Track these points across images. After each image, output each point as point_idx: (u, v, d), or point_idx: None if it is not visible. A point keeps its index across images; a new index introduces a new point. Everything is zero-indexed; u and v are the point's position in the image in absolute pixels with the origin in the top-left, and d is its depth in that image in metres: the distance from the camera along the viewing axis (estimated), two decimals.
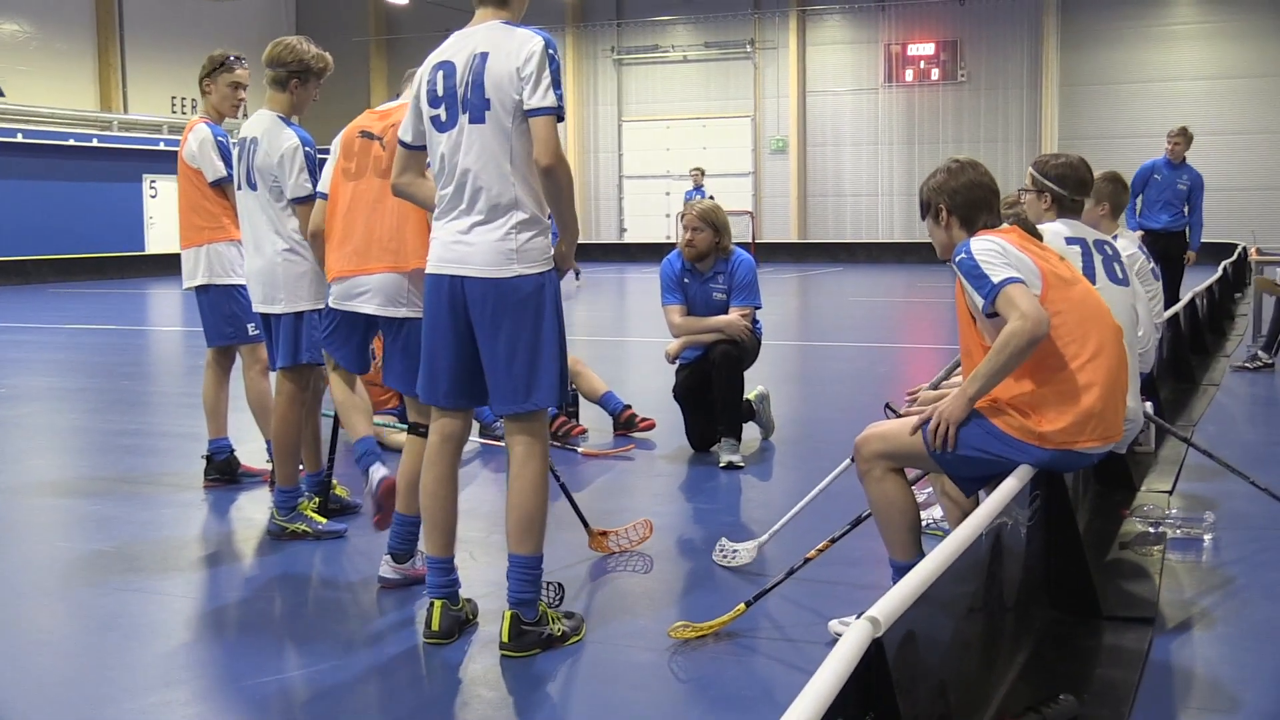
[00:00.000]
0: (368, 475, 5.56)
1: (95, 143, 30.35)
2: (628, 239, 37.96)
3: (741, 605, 4.65)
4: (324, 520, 6.16)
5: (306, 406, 6.28)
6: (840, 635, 3.38)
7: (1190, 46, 32.80)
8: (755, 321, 8.07)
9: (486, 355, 4.52)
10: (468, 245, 4.47)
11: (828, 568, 5.21)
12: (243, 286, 6.81)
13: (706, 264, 8.01)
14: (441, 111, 4.53)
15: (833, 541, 4.92)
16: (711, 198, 22.03)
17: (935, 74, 35.37)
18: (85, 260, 29.67)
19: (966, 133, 34.80)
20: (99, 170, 30.17)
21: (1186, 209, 13.47)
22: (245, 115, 6.95)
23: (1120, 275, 5.48)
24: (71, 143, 29.83)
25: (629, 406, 8.77)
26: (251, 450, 7.49)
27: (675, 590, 5.35)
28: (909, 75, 35.59)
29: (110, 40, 33.24)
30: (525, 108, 4.36)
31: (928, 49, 35.35)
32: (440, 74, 4.53)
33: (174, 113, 34.55)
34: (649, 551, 5.80)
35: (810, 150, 36.78)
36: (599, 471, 7.72)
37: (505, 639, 4.51)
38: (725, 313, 7.98)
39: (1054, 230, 5.41)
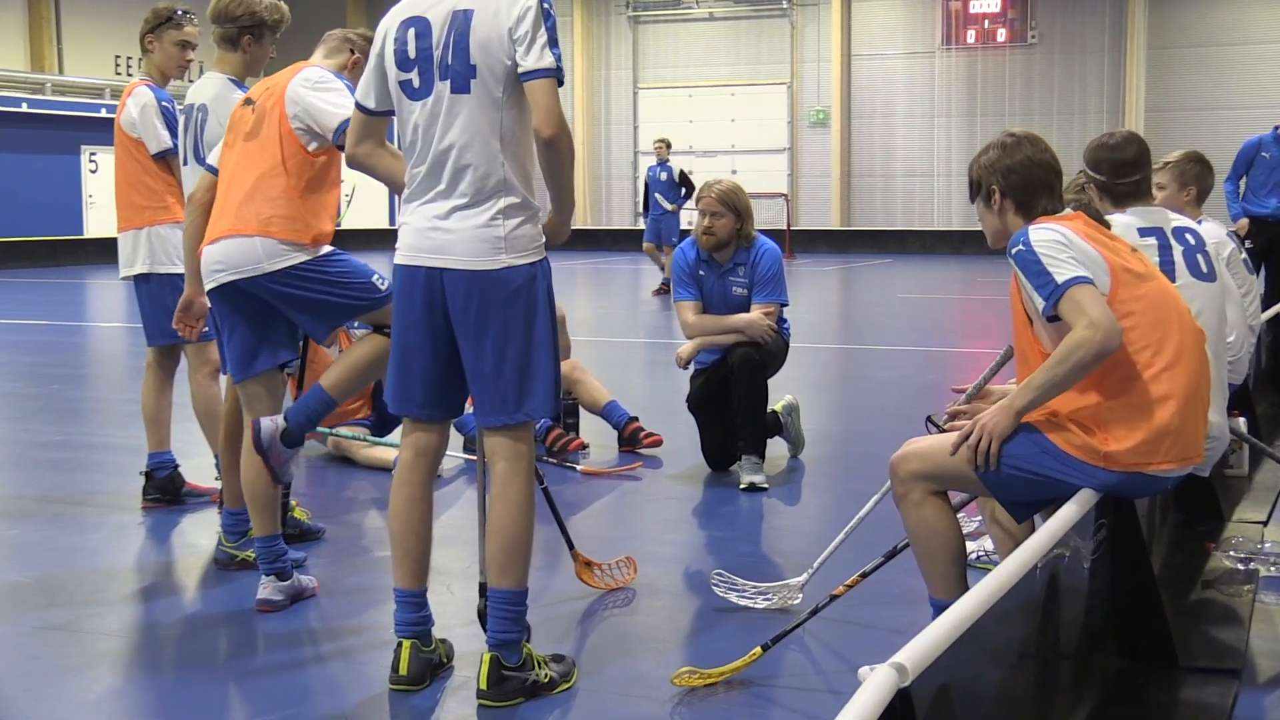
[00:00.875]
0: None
1: (25, 108, 30.37)
2: (644, 224, 37.78)
3: (758, 649, 4.65)
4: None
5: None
6: None
7: None
8: (782, 320, 8.08)
9: (470, 359, 4.53)
10: (447, 232, 4.47)
11: (859, 607, 5.21)
12: None
13: (725, 254, 8.01)
14: (414, 76, 4.51)
15: (864, 576, 4.92)
16: (687, 173, 21.67)
17: (1002, 35, 35.28)
18: (13, 245, 29.66)
19: (1037, 103, 34.72)
20: (29, 140, 30.19)
21: None
22: (191, 79, 6.96)
23: (1205, 269, 5.47)
24: None
25: (635, 419, 8.78)
26: (198, 466, 7.50)
27: (682, 631, 5.37)
28: (971, 36, 35.53)
29: None
30: (520, 71, 4.36)
31: (993, 6, 35.21)
32: (411, 31, 4.51)
33: (117, 75, 34.62)
34: (652, 586, 5.80)
35: (855, 123, 36.70)
36: (599, 493, 7.73)
37: (484, 685, 4.50)
38: (746, 310, 7.97)
39: (1124, 222, 5.41)
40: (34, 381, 12.65)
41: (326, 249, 5.49)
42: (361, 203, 33.25)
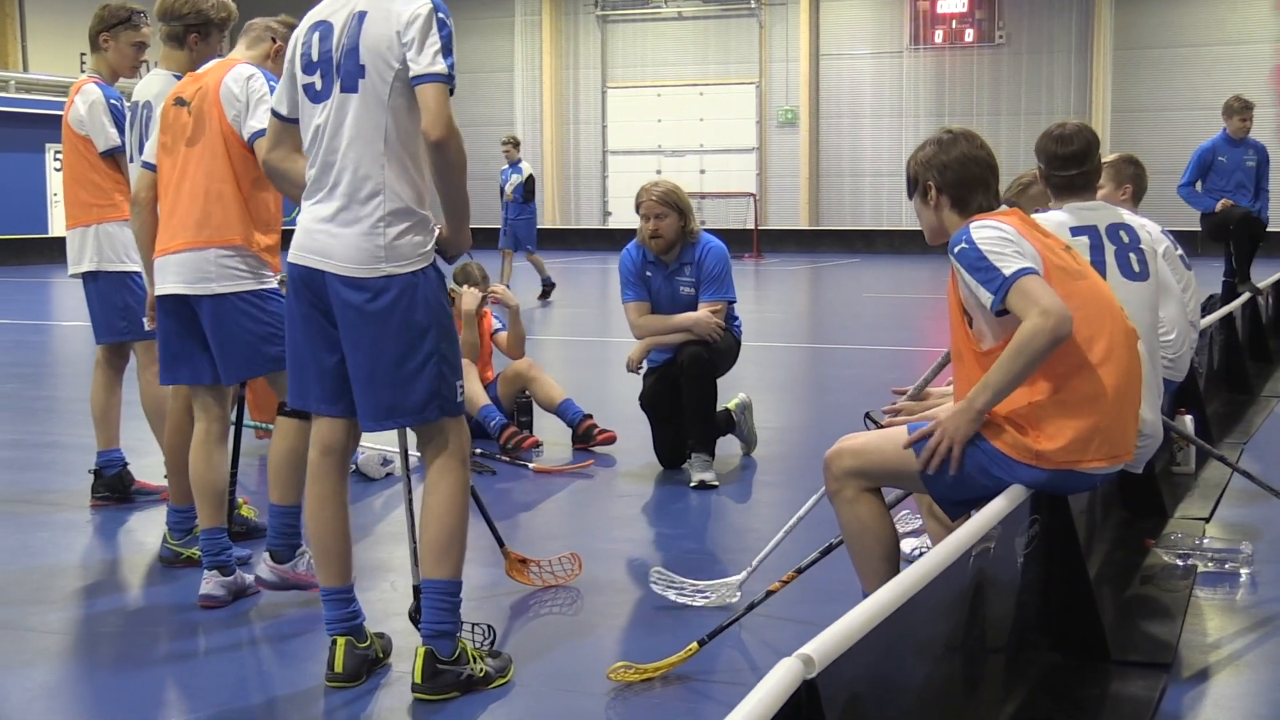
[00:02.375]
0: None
1: None
2: (613, 224, 37.89)
3: (694, 644, 4.67)
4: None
5: None
6: None
7: (1263, 5, 32.77)
8: (732, 318, 8.10)
9: (349, 362, 4.55)
10: (330, 236, 4.49)
11: (796, 603, 5.24)
12: (138, 274, 6.81)
13: (672, 254, 8.02)
14: (316, 79, 4.53)
15: (799, 572, 4.95)
16: (528, 179, 21.16)
17: (969, 35, 35.35)
18: None
19: (1005, 103, 34.83)
20: None
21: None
22: (139, 76, 6.96)
23: (1137, 269, 5.53)
24: None
25: (589, 416, 8.81)
26: (149, 465, 7.49)
27: (619, 626, 5.39)
28: (939, 36, 35.59)
29: None
30: (411, 75, 4.36)
31: (960, 6, 35.27)
32: (316, 35, 4.54)
33: (83, 72, 34.26)
34: (596, 583, 5.83)
35: (824, 123, 36.74)
36: (551, 490, 7.75)
37: (418, 679, 4.53)
38: (694, 309, 7.99)
39: (1057, 220, 5.47)
40: None
41: (271, 281, 5.58)
42: None
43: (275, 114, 4.72)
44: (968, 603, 3.92)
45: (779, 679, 2.64)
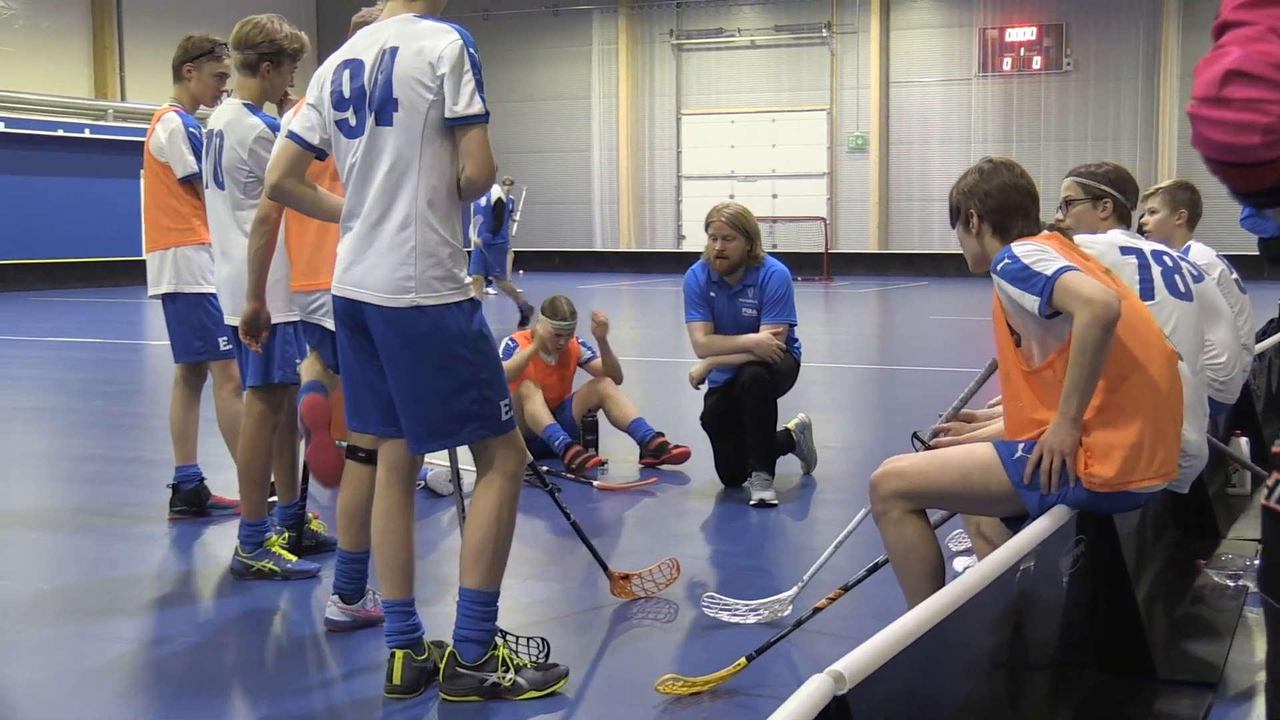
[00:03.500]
0: None
1: (87, 133, 30.62)
2: (687, 247, 37.78)
3: (743, 659, 4.65)
4: (294, 558, 6.22)
5: (280, 430, 6.34)
6: None
7: None
8: (792, 340, 8.08)
9: (391, 388, 4.59)
10: (364, 267, 4.51)
11: (844, 619, 5.20)
12: (214, 295, 6.83)
13: (736, 276, 8.03)
14: (350, 115, 4.55)
15: (846, 590, 4.92)
16: (496, 203, 20.06)
17: (1037, 62, 35.13)
18: (75, 265, 29.93)
19: (1072, 129, 34.56)
20: (92, 164, 30.36)
21: None
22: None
23: (1183, 289, 5.46)
24: (61, 133, 30.07)
25: (660, 434, 8.80)
26: (225, 480, 7.54)
27: (674, 642, 5.37)
28: (1007, 64, 35.39)
29: (107, 20, 33.47)
30: (449, 116, 4.39)
31: (1029, 34, 35.10)
32: (347, 73, 4.55)
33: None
34: (651, 598, 5.82)
35: (893, 149, 36.60)
36: (615, 508, 7.75)
37: (441, 678, 4.62)
38: (756, 330, 7.99)
39: (1109, 240, 5.42)
40: (80, 397, 12.80)
41: None
42: None
43: (297, 139, 4.70)
44: (1011, 621, 3.88)
45: (809, 695, 2.62)
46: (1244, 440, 7.48)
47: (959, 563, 6.09)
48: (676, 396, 10.98)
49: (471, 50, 4.43)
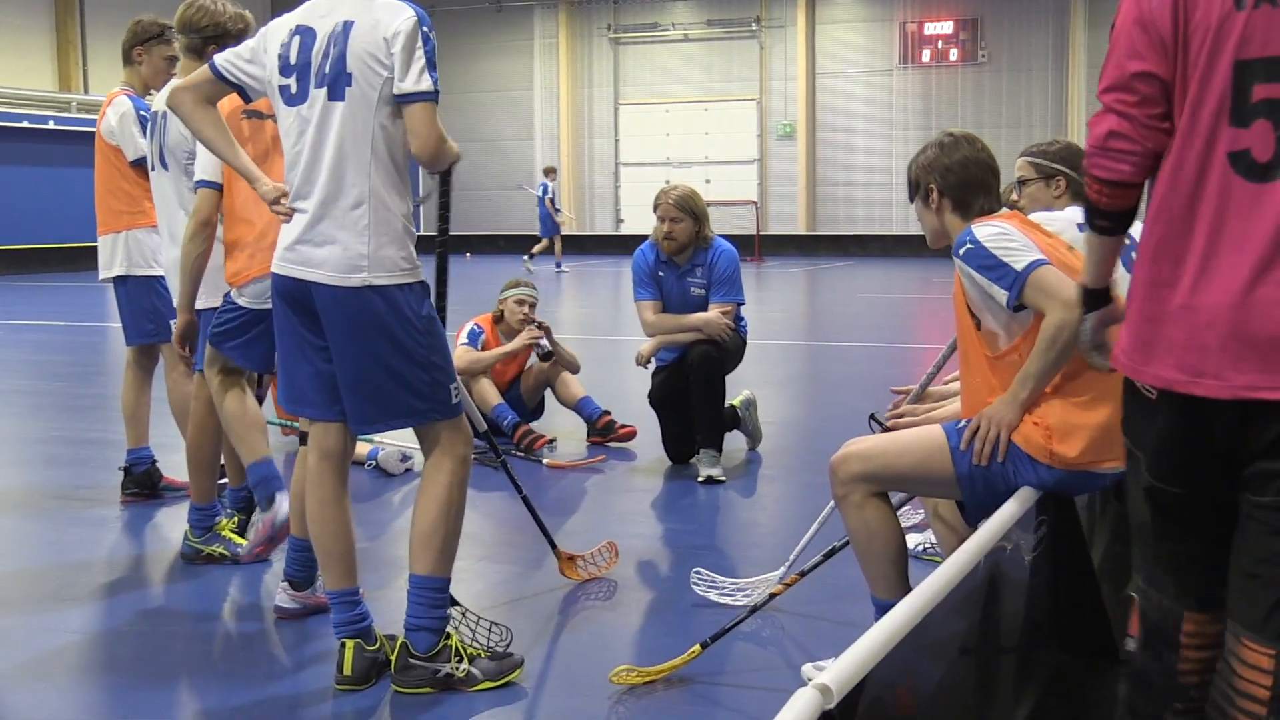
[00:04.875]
0: (272, 503, 5.25)
1: (52, 125, 29.93)
2: (625, 230, 37.47)
3: (697, 647, 4.27)
4: (244, 542, 5.79)
5: None
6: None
7: None
8: (739, 319, 7.68)
9: (337, 370, 4.18)
10: (313, 245, 4.10)
11: (806, 602, 4.85)
12: (163, 278, 6.46)
13: (684, 256, 7.62)
14: (292, 82, 4.14)
15: (803, 575, 4.54)
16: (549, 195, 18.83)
17: (954, 54, 35.00)
18: (40, 251, 29.24)
19: (987, 117, 34.37)
20: (56, 155, 29.70)
21: None
22: None
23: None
24: (26, 125, 29.37)
25: (607, 412, 8.40)
26: (178, 462, 7.03)
27: (626, 626, 4.97)
28: (926, 55, 35.21)
29: (69, 16, 32.77)
30: (396, 93, 4.02)
31: (946, 27, 34.98)
32: (297, 39, 4.15)
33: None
34: (601, 580, 5.42)
35: (820, 136, 36.40)
36: (564, 486, 7.35)
37: (393, 670, 4.24)
38: (704, 309, 7.58)
39: (1066, 217, 5.01)
40: (43, 379, 12.29)
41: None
42: None
43: (216, 70, 4.28)
44: (979, 608, 3.53)
45: (797, 711, 2.25)
46: None
47: (911, 539, 5.73)
48: (621, 374, 10.60)
49: (425, 28, 4.05)
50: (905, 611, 2.84)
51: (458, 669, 4.21)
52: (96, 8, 33.22)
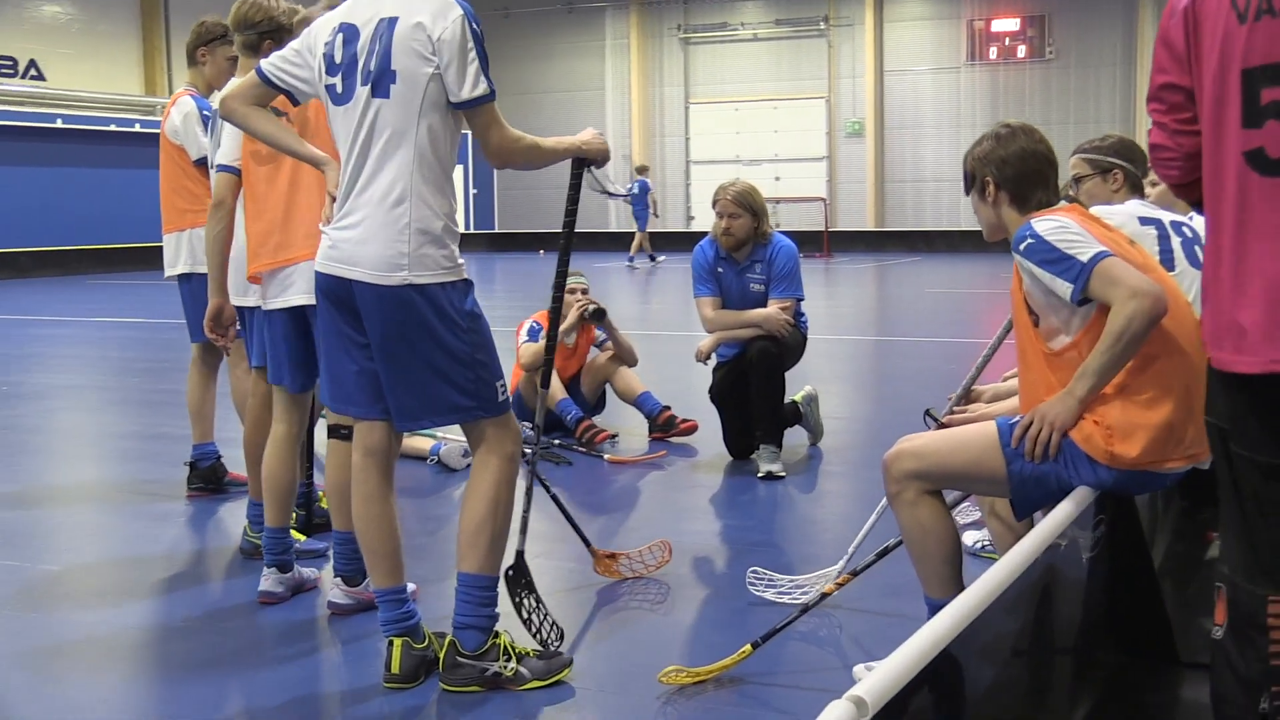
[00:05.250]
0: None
1: (138, 128, 30.20)
2: (695, 227, 37.28)
3: (748, 647, 4.12)
4: (304, 537, 5.72)
5: None
6: None
7: None
8: (799, 315, 7.52)
9: (379, 368, 4.06)
10: (356, 243, 3.98)
11: (861, 599, 4.70)
12: None
13: (743, 252, 7.47)
14: (339, 81, 4.03)
15: (855, 575, 4.38)
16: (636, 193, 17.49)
17: (1021, 51, 34.57)
18: (127, 250, 29.51)
19: (1055, 114, 33.86)
20: (142, 157, 29.90)
21: None
22: None
23: (1203, 260, 4.89)
24: (113, 128, 29.71)
25: (668, 408, 8.27)
26: (242, 457, 7.02)
27: (679, 625, 4.83)
28: (993, 53, 34.80)
29: (155, 22, 33.09)
30: (455, 101, 3.91)
31: (1013, 24, 34.56)
32: (340, 37, 4.04)
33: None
34: (665, 578, 5.28)
35: (888, 134, 36.08)
36: (624, 481, 7.22)
37: (441, 668, 4.11)
38: (764, 305, 7.42)
39: (1127, 211, 4.82)
40: (120, 375, 12.34)
41: None
42: None
43: (260, 72, 4.22)
44: (1033, 608, 3.36)
45: None
46: None
47: (968, 536, 5.57)
48: (683, 370, 10.45)
49: (474, 25, 3.92)
50: (951, 616, 2.69)
51: (505, 667, 4.09)
52: (181, 13, 33.46)
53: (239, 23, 5.64)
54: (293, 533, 5.63)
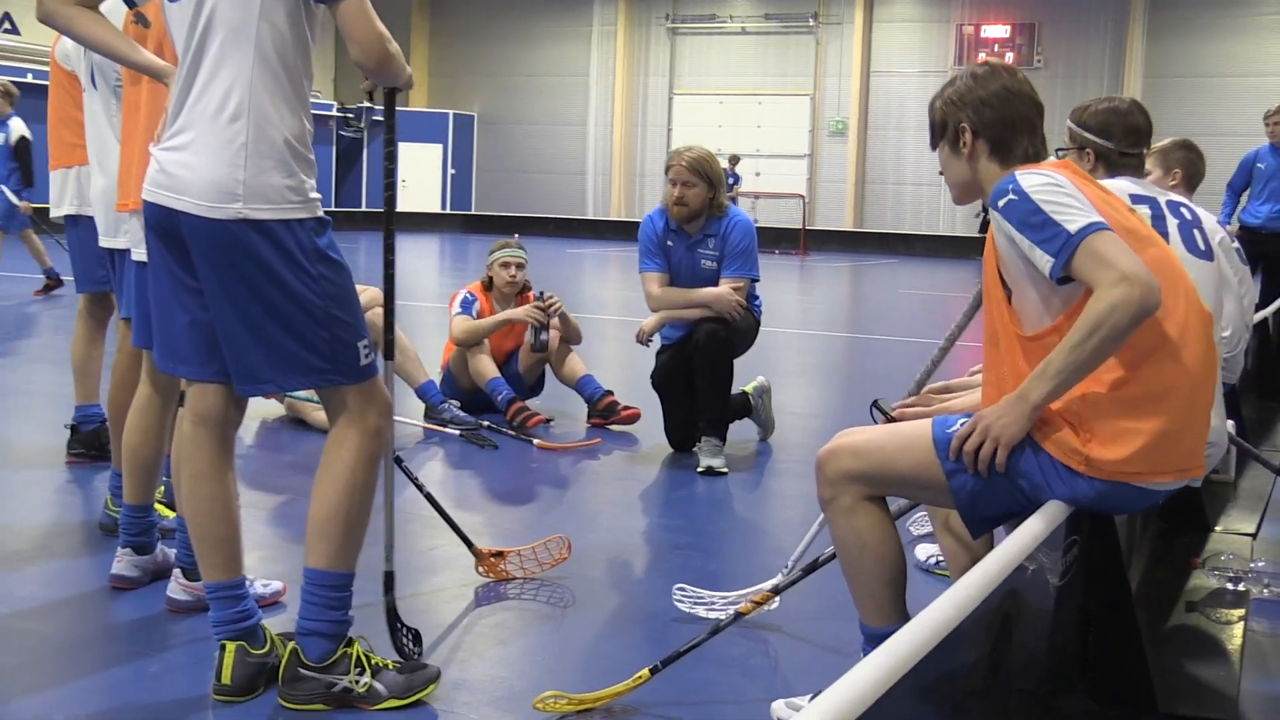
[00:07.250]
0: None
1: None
2: None
3: (645, 671, 3.42)
4: (172, 514, 4.97)
5: None
6: None
7: None
8: (753, 297, 6.80)
9: (214, 318, 3.34)
10: (184, 167, 3.26)
11: (792, 620, 4.00)
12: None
13: (696, 225, 6.74)
14: None
15: (777, 592, 3.69)
16: (19, 141, 14.59)
17: (1010, 58, 33.87)
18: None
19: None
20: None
21: None
22: None
23: (1203, 246, 4.18)
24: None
25: (610, 393, 7.57)
26: None
27: (575, 639, 4.10)
28: (981, 58, 34.15)
29: None
30: None
31: (1003, 31, 33.97)
32: None
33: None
34: (562, 582, 4.56)
35: (871, 134, 35.43)
36: (551, 470, 6.51)
37: (280, 680, 3.39)
38: (715, 284, 6.69)
39: (1118, 187, 4.12)
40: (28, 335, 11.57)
41: None
42: (415, 184, 32.65)
43: None
44: (990, 643, 2.69)
45: None
46: (1231, 423, 6.24)
47: (921, 550, 4.88)
48: (632, 354, 9.75)
49: None
50: (890, 655, 2.02)
51: (357, 682, 3.38)
52: None
53: None
54: (161, 508, 4.92)
